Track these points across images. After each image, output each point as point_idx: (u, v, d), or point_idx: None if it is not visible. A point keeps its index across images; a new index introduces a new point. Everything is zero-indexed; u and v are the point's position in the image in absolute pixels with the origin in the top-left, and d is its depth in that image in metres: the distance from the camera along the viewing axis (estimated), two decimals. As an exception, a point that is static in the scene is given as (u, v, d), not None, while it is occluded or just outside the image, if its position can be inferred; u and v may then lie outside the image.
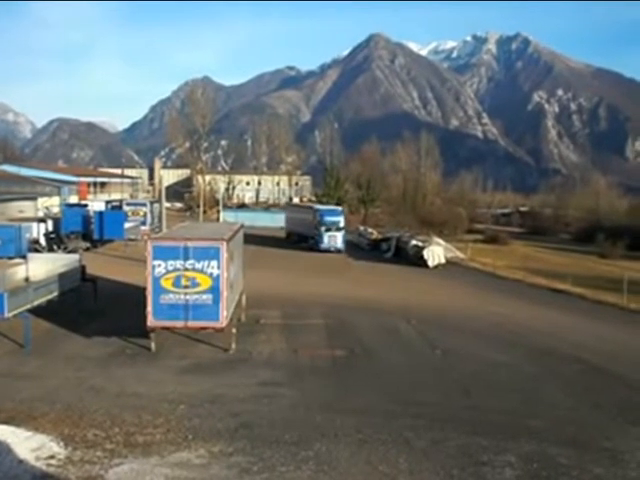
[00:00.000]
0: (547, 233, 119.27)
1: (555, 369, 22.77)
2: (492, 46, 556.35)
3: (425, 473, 12.83)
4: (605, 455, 14.34)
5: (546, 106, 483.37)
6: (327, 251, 58.98)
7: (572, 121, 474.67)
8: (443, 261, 52.85)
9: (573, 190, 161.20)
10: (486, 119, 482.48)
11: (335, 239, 60.12)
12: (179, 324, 21.94)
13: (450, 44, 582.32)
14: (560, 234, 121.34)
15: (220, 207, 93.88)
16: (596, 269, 64.86)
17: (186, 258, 21.55)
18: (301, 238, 65.25)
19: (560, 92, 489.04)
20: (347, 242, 61.67)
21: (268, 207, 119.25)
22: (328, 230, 60.02)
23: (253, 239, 50.43)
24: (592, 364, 23.40)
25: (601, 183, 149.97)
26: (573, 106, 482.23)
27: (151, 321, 21.61)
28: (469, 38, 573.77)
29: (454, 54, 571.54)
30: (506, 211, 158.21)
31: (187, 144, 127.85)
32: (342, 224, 61.38)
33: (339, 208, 68.30)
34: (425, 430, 15.31)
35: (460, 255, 61.43)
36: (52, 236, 49.99)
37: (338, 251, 59.40)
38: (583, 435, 15.73)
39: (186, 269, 21.55)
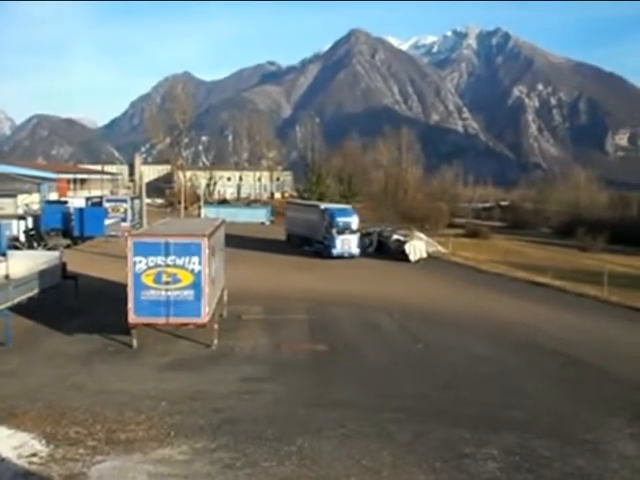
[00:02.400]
0: (528, 227, 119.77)
1: (536, 362, 22.91)
2: (472, 41, 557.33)
3: (408, 466, 12.86)
4: (586, 447, 14.43)
5: (526, 100, 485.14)
6: (340, 257, 50.94)
7: (552, 115, 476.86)
8: (425, 255, 52.93)
9: (553, 184, 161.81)
10: (467, 114, 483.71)
11: (349, 243, 51.89)
12: (160, 320, 21.89)
13: (430, 39, 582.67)
14: (541, 228, 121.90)
15: (201, 203, 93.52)
16: (577, 262, 65.17)
17: (167, 254, 21.49)
18: (304, 241, 57.48)
19: (540, 86, 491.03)
20: None
21: (249, 203, 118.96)
22: (341, 233, 51.72)
23: (236, 241, 45.40)
24: (573, 356, 23.55)
25: (581, 177, 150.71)
26: (553, 100, 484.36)
27: (132, 318, 21.55)
28: (449, 33, 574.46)
29: (434, 49, 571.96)
30: (487, 205, 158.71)
31: (167, 140, 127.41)
32: (355, 225, 53.27)
33: (349, 207, 59.50)
34: (408, 423, 15.35)
35: (441, 249, 61.56)
36: (32, 233, 49.65)
37: (352, 257, 51.48)
38: (564, 427, 15.83)
39: (167, 265, 21.49)
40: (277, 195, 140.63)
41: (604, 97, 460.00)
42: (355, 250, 52.05)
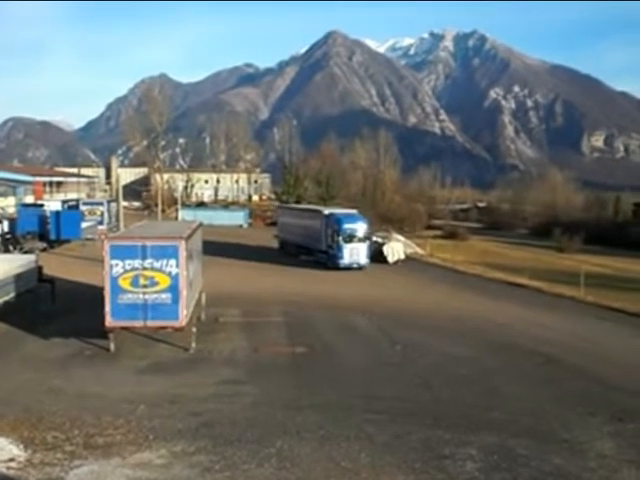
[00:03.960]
0: (505, 228, 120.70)
1: (514, 362, 23.00)
2: (449, 43, 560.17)
3: (387, 467, 12.87)
4: (564, 446, 14.52)
5: (503, 102, 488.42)
6: (348, 269, 46.56)
7: (529, 117, 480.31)
8: (403, 257, 53.08)
9: (530, 185, 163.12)
10: (444, 116, 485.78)
11: (358, 253, 47.04)
12: (138, 324, 21.74)
13: (407, 41, 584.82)
14: (518, 229, 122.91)
15: (178, 206, 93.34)
16: (553, 263, 65.64)
17: (144, 257, 21.35)
18: (301, 250, 53.16)
19: (517, 89, 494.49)
20: None
21: (227, 205, 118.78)
22: (348, 241, 46.89)
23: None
24: (550, 356, 23.66)
25: (558, 178, 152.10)
26: (529, 102, 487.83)
27: (109, 321, 21.38)
28: (426, 35, 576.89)
29: (411, 51, 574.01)
30: (464, 207, 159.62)
31: (144, 142, 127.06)
32: (364, 233, 48.29)
33: (354, 212, 53.66)
34: (387, 425, 15.36)
35: (419, 251, 61.81)
36: (8, 237, 49.33)
37: (360, 268, 47.16)
38: (542, 426, 15.91)
39: (144, 268, 21.35)
40: (255, 197, 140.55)
41: (580, 99, 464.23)
42: (364, 260, 47.39)
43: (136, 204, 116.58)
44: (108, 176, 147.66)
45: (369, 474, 12.56)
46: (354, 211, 53.85)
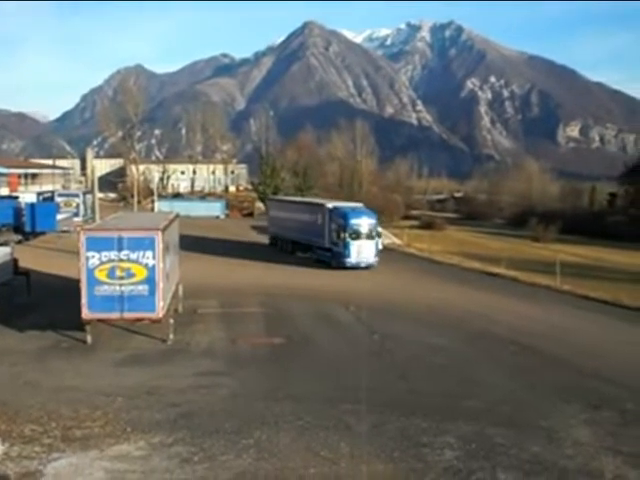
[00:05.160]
0: (481, 218, 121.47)
1: (491, 351, 23.16)
2: (426, 34, 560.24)
3: (366, 456, 12.91)
4: (541, 434, 14.64)
5: (479, 93, 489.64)
6: (355, 268, 42.90)
7: (505, 108, 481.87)
8: (380, 247, 53.12)
9: (506, 176, 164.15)
10: (420, 106, 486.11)
11: (366, 250, 43.29)
12: (115, 316, 21.65)
13: (384, 32, 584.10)
14: (494, 219, 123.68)
15: (155, 197, 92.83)
16: (529, 252, 66.14)
17: (120, 249, 21.24)
18: (297, 247, 49.71)
19: (493, 79, 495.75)
20: None
21: (204, 196, 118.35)
22: (355, 238, 43.00)
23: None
24: (526, 345, 23.83)
25: (533, 168, 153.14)
26: (506, 93, 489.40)
27: (86, 313, 21.27)
28: (403, 26, 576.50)
29: (388, 42, 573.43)
30: (441, 197, 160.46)
31: (120, 133, 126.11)
32: (373, 228, 44.35)
33: (360, 205, 49.42)
34: (365, 414, 15.38)
35: (397, 241, 62.00)
36: (-18, 229, 48.88)
37: (367, 267, 43.43)
38: (519, 415, 16.04)
39: (121, 260, 21.25)
40: (232, 188, 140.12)
41: (556, 90, 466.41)
42: (373, 259, 43.62)
43: (112, 195, 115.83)
44: (83, 167, 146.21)
45: (348, 464, 12.59)
46: (360, 205, 49.56)
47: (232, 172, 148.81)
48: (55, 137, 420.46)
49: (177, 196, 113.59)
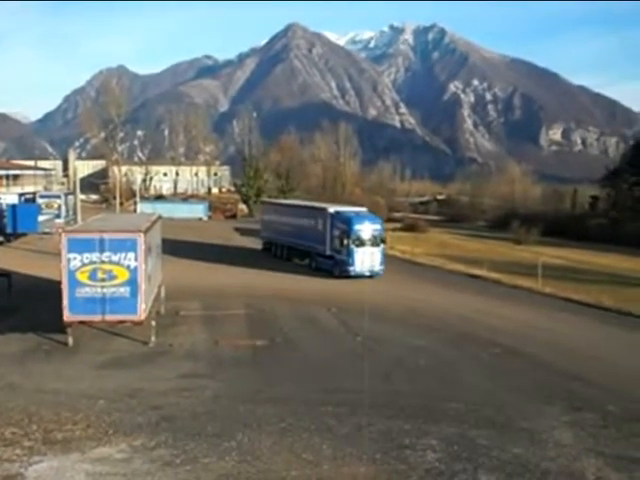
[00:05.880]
0: (464, 220, 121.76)
1: (473, 353, 23.24)
2: (409, 36, 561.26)
3: (348, 458, 12.90)
4: (523, 435, 14.69)
5: (462, 96, 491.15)
6: (360, 276, 40.35)
7: (487, 110, 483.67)
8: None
9: (489, 178, 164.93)
10: (403, 109, 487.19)
11: (371, 258, 40.70)
12: (96, 318, 21.54)
13: (367, 34, 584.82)
14: (477, 221, 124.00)
15: (137, 198, 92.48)
16: (512, 255, 66.35)
17: (102, 250, 21.14)
18: (294, 253, 47.37)
19: (475, 82, 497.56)
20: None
21: (186, 198, 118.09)
22: (360, 245, 40.31)
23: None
24: (508, 347, 23.95)
25: (516, 171, 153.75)
26: (488, 96, 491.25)
27: (67, 316, 21.15)
28: (386, 28, 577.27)
29: (371, 44, 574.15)
30: (424, 199, 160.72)
31: (102, 134, 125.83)
32: (379, 234, 41.63)
33: (364, 210, 46.39)
34: (347, 416, 15.40)
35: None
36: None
37: (371, 276, 40.86)
38: (501, 416, 16.09)
39: (102, 262, 21.15)
40: (214, 190, 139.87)
41: (538, 93, 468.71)
42: (378, 267, 41.09)
43: (94, 197, 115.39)
44: (65, 169, 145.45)
45: (330, 466, 12.57)
46: (364, 209, 46.83)
47: (215, 174, 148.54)
48: (37, 138, 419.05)
49: (160, 198, 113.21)
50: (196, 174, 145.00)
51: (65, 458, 12.72)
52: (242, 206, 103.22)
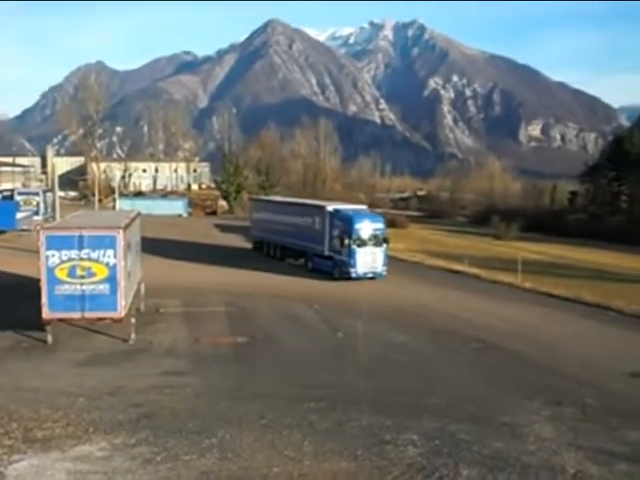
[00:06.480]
0: (444, 216, 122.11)
1: (454, 348, 23.31)
2: (388, 32, 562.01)
3: (330, 454, 12.91)
4: (504, 430, 14.77)
5: (442, 92, 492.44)
6: (361, 278, 38.27)
7: (467, 106, 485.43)
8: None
9: (469, 174, 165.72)
10: (384, 105, 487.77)
11: (374, 259, 38.58)
12: (76, 315, 21.42)
13: (347, 30, 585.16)
14: (457, 217, 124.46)
15: (116, 195, 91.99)
16: (492, 250, 66.59)
17: (81, 247, 21.02)
18: (288, 253, 45.33)
19: (455, 78, 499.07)
20: (247, 229, 56.71)
21: (166, 194, 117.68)
22: (362, 245, 38.11)
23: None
24: (489, 342, 24.04)
25: (495, 167, 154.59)
26: (468, 92, 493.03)
27: (46, 313, 21.02)
28: (366, 24, 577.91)
29: (351, 40, 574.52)
30: (404, 195, 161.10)
31: (81, 131, 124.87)
32: (381, 234, 39.49)
33: (364, 208, 45.12)
34: (329, 412, 15.41)
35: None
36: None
37: (372, 278, 38.72)
38: (482, 411, 16.15)
39: (81, 259, 21.03)
40: (194, 186, 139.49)
41: (518, 89, 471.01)
42: (381, 268, 38.92)
43: (73, 194, 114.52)
44: (44, 165, 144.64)
45: (312, 462, 12.58)
46: (364, 207, 45.38)
47: (195, 170, 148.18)
48: (15, 135, 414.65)
49: (139, 194, 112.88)
50: (175, 170, 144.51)
51: (45, 456, 12.66)
52: (222, 202, 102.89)
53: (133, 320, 22.55)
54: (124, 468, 12.20)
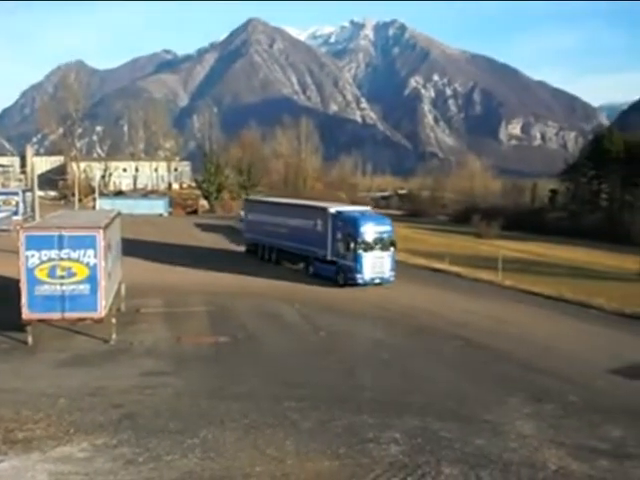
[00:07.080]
0: (425, 215, 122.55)
1: (435, 346, 23.38)
2: (369, 32, 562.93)
3: (312, 453, 12.92)
4: (486, 427, 14.83)
5: (422, 91, 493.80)
6: (368, 285, 35.71)
7: (448, 106, 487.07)
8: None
9: (449, 173, 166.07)
10: (365, 104, 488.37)
11: (381, 264, 36.00)
12: (56, 316, 21.28)
13: (328, 29, 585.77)
14: (438, 216, 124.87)
15: (96, 195, 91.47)
16: (473, 248, 66.84)
17: (61, 247, 20.89)
18: (285, 256, 43.16)
19: (436, 77, 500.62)
20: (228, 228, 56.30)
21: (146, 194, 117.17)
22: (368, 249, 35.50)
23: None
24: (470, 340, 24.12)
25: (476, 165, 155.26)
26: (449, 91, 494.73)
27: (26, 314, 20.88)
28: (347, 23, 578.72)
29: (332, 39, 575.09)
30: (385, 194, 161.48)
31: (60, 130, 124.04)
32: (390, 237, 36.79)
33: (368, 209, 42.89)
34: (311, 411, 15.41)
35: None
36: None
37: (380, 284, 36.07)
38: (464, 409, 16.21)
39: (61, 259, 20.91)
40: (175, 186, 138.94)
41: (498, 88, 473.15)
42: (389, 273, 36.30)
43: (52, 194, 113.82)
44: (23, 165, 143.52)
45: (294, 461, 12.58)
46: (368, 208, 43.35)
47: (175, 169, 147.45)
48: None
49: (119, 194, 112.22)
50: (156, 170, 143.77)
51: (26, 457, 12.60)
52: (203, 202, 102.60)
53: (114, 320, 22.46)
54: (106, 469, 12.15)
